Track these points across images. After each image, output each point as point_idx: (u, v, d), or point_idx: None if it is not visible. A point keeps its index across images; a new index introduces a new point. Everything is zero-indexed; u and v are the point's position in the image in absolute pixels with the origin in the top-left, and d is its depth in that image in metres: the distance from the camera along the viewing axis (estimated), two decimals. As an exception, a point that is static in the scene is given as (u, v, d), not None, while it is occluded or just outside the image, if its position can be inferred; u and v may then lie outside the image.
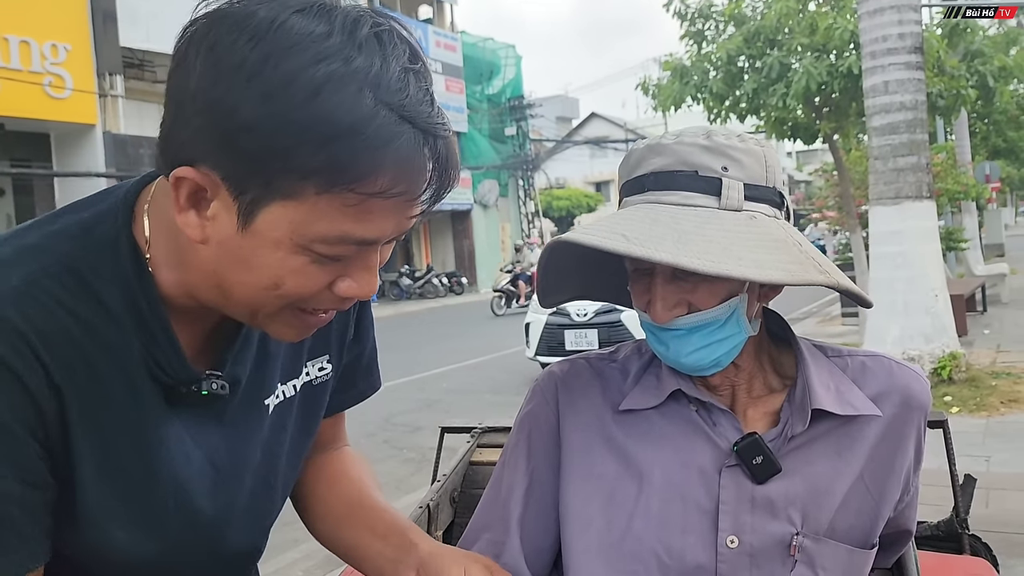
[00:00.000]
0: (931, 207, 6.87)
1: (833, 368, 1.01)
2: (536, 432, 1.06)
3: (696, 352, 0.93)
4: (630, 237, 0.85)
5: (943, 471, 1.57)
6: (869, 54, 6.80)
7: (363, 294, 0.75)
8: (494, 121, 31.62)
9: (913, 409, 0.99)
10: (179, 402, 0.80)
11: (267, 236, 0.69)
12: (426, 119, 0.68)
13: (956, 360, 6.57)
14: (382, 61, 0.66)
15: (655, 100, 10.41)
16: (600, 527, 0.97)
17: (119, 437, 0.76)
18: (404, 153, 0.66)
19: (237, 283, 0.73)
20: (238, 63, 0.64)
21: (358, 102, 0.64)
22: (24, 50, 15.63)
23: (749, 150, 0.93)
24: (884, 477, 0.97)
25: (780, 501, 0.93)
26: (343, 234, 0.69)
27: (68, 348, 0.72)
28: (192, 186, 0.69)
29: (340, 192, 0.66)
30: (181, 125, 0.68)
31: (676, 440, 0.98)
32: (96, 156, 17.02)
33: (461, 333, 14.58)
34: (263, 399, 0.89)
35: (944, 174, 13.62)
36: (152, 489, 0.80)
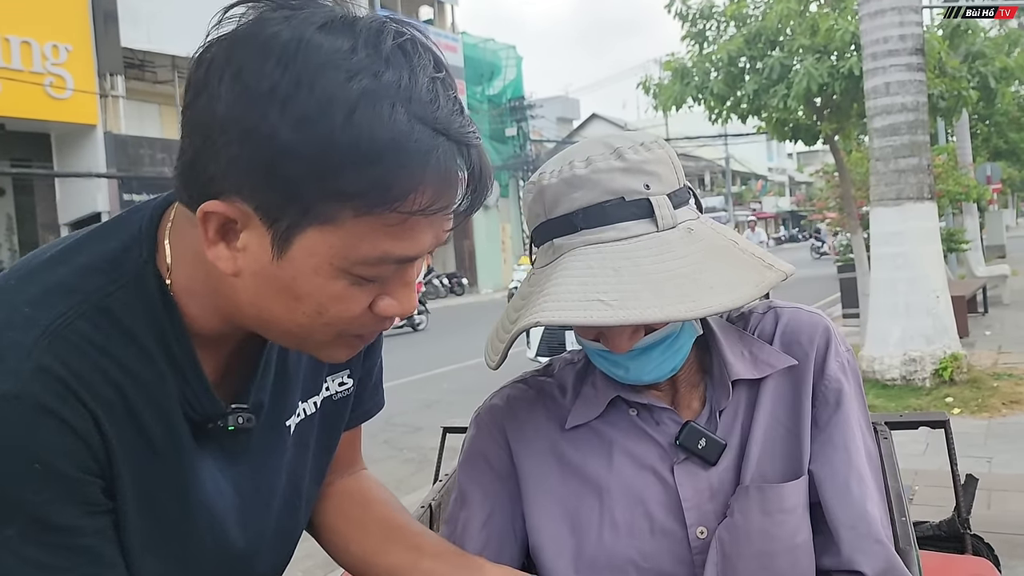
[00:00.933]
0: (932, 208, 6.87)
1: (742, 333, 1.03)
2: (486, 467, 1.05)
3: (657, 367, 0.94)
4: (607, 301, 0.84)
5: (945, 471, 1.57)
6: (870, 55, 6.80)
7: (404, 312, 0.74)
8: (495, 122, 31.64)
9: (805, 344, 1.00)
10: (206, 436, 0.79)
11: (304, 264, 0.67)
12: (459, 130, 0.67)
13: (957, 361, 6.57)
14: (410, 74, 0.65)
15: (656, 100, 10.42)
16: (572, 548, 0.98)
17: (157, 474, 0.76)
18: (442, 167, 0.65)
19: (279, 313, 0.71)
20: (269, 88, 0.62)
21: (394, 119, 0.63)
22: (25, 50, 15.64)
23: (659, 158, 0.92)
24: (791, 414, 0.98)
25: (729, 476, 0.96)
26: (384, 254, 0.67)
27: (107, 389, 0.71)
28: (222, 219, 0.67)
29: (382, 213, 0.65)
30: (210, 157, 0.66)
31: (624, 446, 0.99)
32: (97, 156, 17.03)
33: (461, 333, 14.57)
34: (284, 421, 0.88)
35: (945, 175, 13.62)
36: (189, 524, 0.79)
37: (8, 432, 0.66)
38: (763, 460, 0.96)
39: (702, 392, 1.01)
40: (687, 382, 1.02)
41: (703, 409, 0.99)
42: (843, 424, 0.99)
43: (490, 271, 30.23)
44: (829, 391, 0.99)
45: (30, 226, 17.58)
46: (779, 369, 0.99)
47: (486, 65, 31.31)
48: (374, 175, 0.62)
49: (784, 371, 0.99)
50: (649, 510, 0.96)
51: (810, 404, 0.99)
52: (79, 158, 17.21)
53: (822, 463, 0.97)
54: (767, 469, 0.96)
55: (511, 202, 31.94)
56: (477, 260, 29.69)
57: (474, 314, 18.52)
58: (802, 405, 0.99)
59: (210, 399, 0.78)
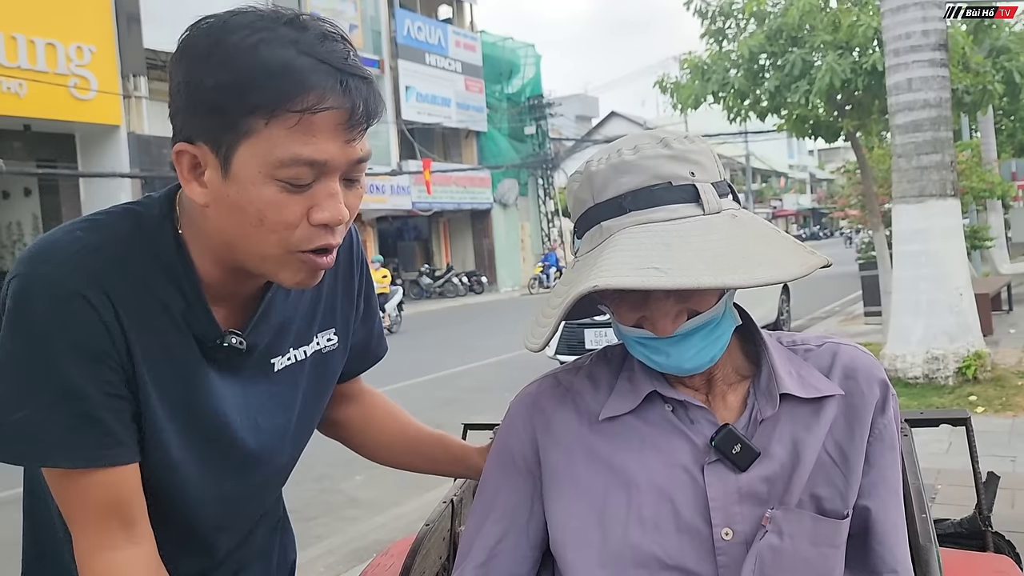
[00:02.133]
0: (955, 205, 6.81)
1: (791, 355, 1.04)
2: (510, 462, 1.07)
3: (698, 354, 0.95)
4: (662, 268, 0.86)
5: (967, 470, 1.57)
6: (892, 51, 6.74)
7: (333, 219, 0.89)
8: (514, 120, 31.63)
9: (861, 382, 1.02)
10: (209, 355, 0.99)
11: (243, 176, 0.86)
12: (341, 63, 0.86)
13: (981, 359, 6.51)
14: (301, 30, 0.86)
15: (674, 99, 10.38)
16: (598, 541, 0.98)
17: (171, 375, 0.95)
18: (324, 82, 0.84)
19: (236, 232, 0.89)
20: (199, 52, 0.85)
21: (284, 51, 0.84)
22: (50, 52, 15.83)
23: (702, 150, 0.95)
24: (846, 448, 0.99)
25: (763, 484, 0.96)
26: (295, 155, 0.84)
27: (130, 298, 0.91)
28: (190, 160, 0.88)
29: (281, 115, 0.83)
30: (174, 112, 0.89)
31: (656, 442, 1.00)
32: (120, 156, 17.21)
33: (481, 332, 14.61)
34: (270, 359, 1.07)
35: (969, 172, 13.48)
36: (200, 419, 0.99)
37: (46, 308, 0.86)
38: (811, 486, 0.97)
39: (741, 396, 1.01)
40: (724, 381, 1.02)
41: (742, 414, 0.99)
42: (896, 467, 1.02)
43: (509, 269, 30.24)
44: (886, 431, 1.01)
45: (55, 225, 17.69)
46: (826, 394, 0.99)
47: (505, 64, 31.30)
48: (271, 87, 0.83)
49: (840, 404, 1.00)
50: (677, 507, 0.96)
51: (865, 441, 1.00)
52: (103, 158, 17.41)
53: (875, 500, 1.00)
54: (813, 495, 0.97)
55: (530, 201, 31.93)
56: (496, 259, 29.71)
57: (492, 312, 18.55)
58: (855, 441, 0.99)
59: (211, 322, 0.98)
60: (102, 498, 0.91)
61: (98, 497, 0.91)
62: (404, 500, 4.86)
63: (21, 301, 0.87)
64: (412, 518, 4.40)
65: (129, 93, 17.47)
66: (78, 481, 0.90)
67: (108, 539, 0.92)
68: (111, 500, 0.92)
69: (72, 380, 0.87)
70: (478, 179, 28.51)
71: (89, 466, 0.90)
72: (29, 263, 0.89)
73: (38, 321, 0.86)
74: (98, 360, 0.89)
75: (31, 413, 0.87)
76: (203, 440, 1.00)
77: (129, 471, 0.93)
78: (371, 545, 4.03)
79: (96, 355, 0.88)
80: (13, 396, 0.87)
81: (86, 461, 0.89)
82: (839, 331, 10.78)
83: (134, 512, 0.94)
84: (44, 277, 0.87)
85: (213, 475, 1.03)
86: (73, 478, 0.90)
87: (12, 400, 0.87)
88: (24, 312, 0.86)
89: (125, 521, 0.93)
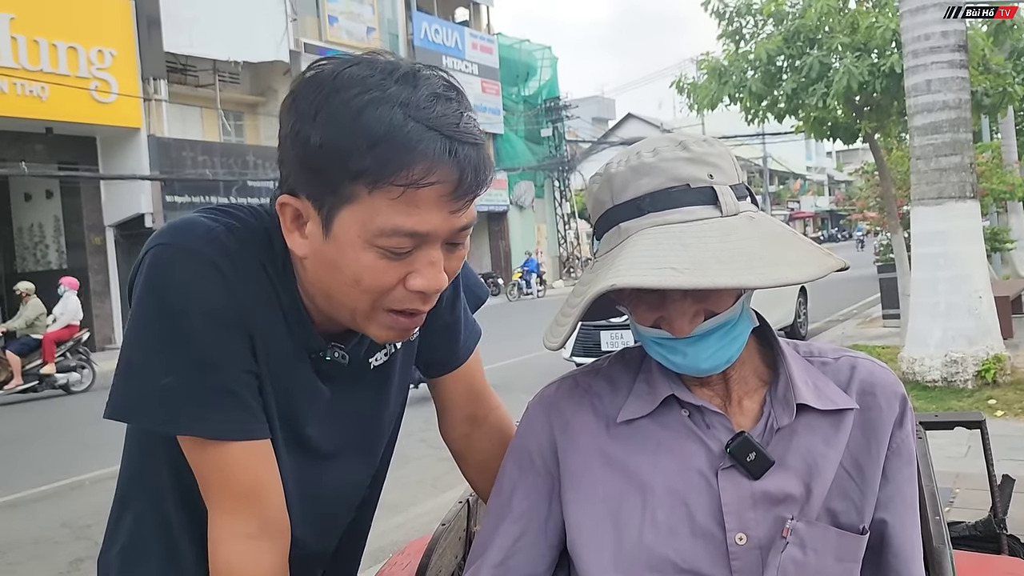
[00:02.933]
0: (975, 207, 6.75)
1: (808, 366, 1.04)
2: (528, 463, 1.07)
3: (714, 354, 0.95)
4: (679, 268, 0.87)
5: (985, 474, 1.56)
6: (911, 53, 6.70)
7: (429, 287, 0.89)
8: (530, 122, 31.64)
9: (880, 397, 1.01)
10: (312, 363, 1.01)
11: (343, 239, 0.86)
12: (452, 129, 0.83)
13: (1001, 363, 6.45)
14: (413, 89, 0.84)
15: (691, 100, 10.35)
16: (612, 545, 0.99)
17: (280, 365, 0.97)
18: (431, 152, 0.82)
19: (332, 285, 0.90)
20: (309, 106, 0.84)
21: (392, 116, 0.81)
22: (72, 56, 16.02)
23: (720, 153, 0.96)
24: (864, 462, 0.99)
25: (777, 493, 0.96)
26: (396, 226, 0.84)
27: (255, 282, 0.93)
28: (292, 212, 0.89)
29: (384, 187, 0.82)
30: (281, 160, 0.90)
31: (671, 446, 1.00)
32: (141, 159, 17.38)
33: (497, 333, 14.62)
34: (368, 359, 1.08)
35: (989, 173, 13.35)
36: (296, 416, 1.01)
37: (187, 277, 0.88)
38: (829, 499, 0.97)
39: (758, 403, 1.01)
40: (741, 387, 1.02)
41: (759, 422, 0.99)
42: (913, 482, 1.02)
43: (525, 271, 30.23)
44: (904, 445, 1.01)
45: (76, 227, 17.99)
46: (842, 407, 0.99)
47: (521, 66, 31.33)
48: (375, 155, 0.81)
49: (857, 418, 1.00)
50: (691, 511, 0.96)
51: (883, 456, 1.00)
52: (123, 161, 17.58)
53: (891, 514, 1.00)
54: (830, 509, 0.97)
55: (546, 203, 31.92)
56: (513, 260, 29.71)
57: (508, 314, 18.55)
58: (872, 455, 0.99)
59: (314, 336, 1.00)
60: (240, 477, 0.93)
61: (236, 476, 0.92)
62: (421, 500, 4.88)
63: (160, 269, 0.89)
64: (428, 518, 4.42)
65: (149, 96, 17.64)
66: (216, 455, 0.92)
67: (243, 525, 0.93)
68: (249, 480, 0.93)
69: (210, 351, 0.89)
70: (494, 181, 28.31)
71: (227, 438, 0.91)
72: (169, 234, 0.91)
73: (177, 289, 0.88)
74: (232, 331, 0.91)
75: (174, 380, 0.88)
76: (299, 438, 1.02)
77: (265, 450, 0.95)
78: (388, 545, 4.05)
79: (230, 325, 0.90)
80: (159, 363, 0.88)
81: (226, 433, 0.91)
82: (857, 334, 10.72)
83: (271, 498, 0.95)
84: (183, 247, 0.89)
85: (305, 471, 1.04)
86: (212, 451, 0.92)
87: (158, 367, 0.88)
88: (164, 280, 0.88)
89: (262, 506, 0.94)
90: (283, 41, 20.29)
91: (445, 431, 1.29)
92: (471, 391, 1.26)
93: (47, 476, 6.39)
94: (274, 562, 0.95)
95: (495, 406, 1.29)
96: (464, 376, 1.25)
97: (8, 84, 15.05)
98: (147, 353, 0.89)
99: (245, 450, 0.93)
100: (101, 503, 5.53)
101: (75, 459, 6.91)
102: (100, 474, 6.28)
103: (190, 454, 0.94)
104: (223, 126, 20.49)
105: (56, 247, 18.72)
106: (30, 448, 7.82)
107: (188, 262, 0.89)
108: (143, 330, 0.89)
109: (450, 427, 1.28)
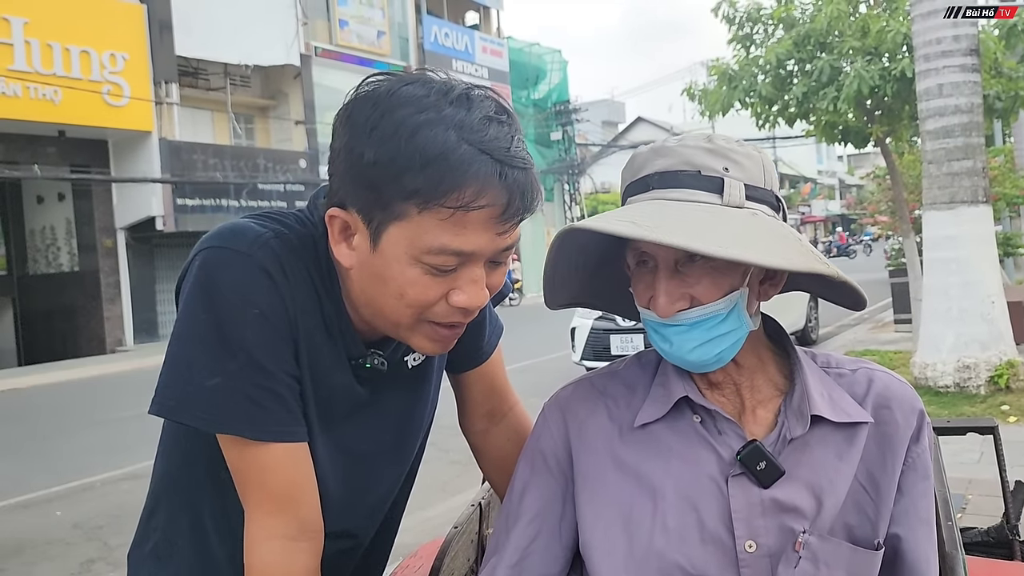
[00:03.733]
0: (987, 212, 6.72)
1: (824, 376, 1.03)
2: (543, 464, 1.08)
3: (699, 347, 0.95)
4: (639, 223, 0.88)
5: (997, 480, 1.56)
6: (923, 56, 6.68)
7: (471, 305, 0.92)
8: (540, 126, 31.65)
9: (896, 411, 1.00)
10: (352, 367, 1.03)
11: (390, 254, 0.89)
12: (503, 152, 0.86)
13: (1014, 368, 6.41)
14: (467, 111, 0.86)
15: (702, 104, 10.33)
16: (623, 550, 0.99)
17: (321, 369, 0.99)
18: (482, 175, 0.84)
19: (376, 297, 0.93)
20: (363, 122, 0.86)
21: (446, 138, 0.84)
22: (84, 60, 16.12)
23: (749, 154, 0.96)
24: (879, 477, 0.98)
25: (787, 503, 0.95)
26: (443, 245, 0.86)
27: (301, 288, 0.95)
28: (341, 224, 0.91)
29: (435, 207, 0.84)
30: (332, 173, 0.92)
31: (682, 452, 1.00)
32: (152, 162, 17.47)
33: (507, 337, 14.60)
34: (404, 358, 1.10)
35: (1002, 178, 13.28)
36: (333, 418, 1.03)
37: (238, 279, 0.91)
38: (843, 514, 0.96)
39: (772, 413, 1.01)
40: (755, 395, 1.02)
41: (772, 432, 0.99)
42: (929, 497, 1.01)
43: (535, 275, 30.20)
44: (920, 460, 1.00)
45: (88, 230, 18.10)
46: (856, 420, 0.99)
47: (531, 69, 31.35)
48: (428, 176, 0.83)
49: (872, 432, 0.99)
50: (701, 517, 0.96)
51: (898, 471, 0.99)
52: (135, 164, 17.67)
53: (905, 529, 0.99)
54: (844, 524, 0.97)
55: (556, 206, 31.91)
56: (523, 264, 29.72)
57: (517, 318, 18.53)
58: (888, 470, 0.99)
59: (356, 343, 1.02)
60: (280, 479, 0.94)
61: (277, 477, 0.94)
62: (432, 504, 4.89)
63: (212, 271, 0.91)
64: (440, 521, 4.42)
65: (161, 99, 17.73)
66: (257, 455, 0.93)
67: (281, 526, 0.94)
68: (288, 482, 0.95)
69: (259, 352, 0.91)
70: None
71: (271, 439, 0.93)
72: (220, 237, 0.93)
73: (227, 291, 0.90)
74: (279, 334, 0.93)
75: (223, 380, 0.90)
76: (337, 440, 1.04)
77: (304, 453, 0.97)
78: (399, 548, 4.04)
79: (278, 328, 0.92)
80: (207, 362, 0.90)
81: (269, 434, 0.93)
82: (869, 339, 10.67)
83: (308, 500, 0.97)
84: (234, 250, 0.91)
85: (342, 471, 1.06)
86: (253, 452, 0.93)
87: (206, 366, 0.90)
88: (215, 282, 0.90)
89: (299, 508, 0.96)
90: (294, 45, 20.37)
91: (465, 426, 1.32)
92: (492, 387, 1.29)
93: (60, 477, 6.43)
94: (308, 563, 0.96)
95: (514, 403, 1.32)
96: (487, 372, 1.27)
97: (21, 87, 15.16)
98: (195, 353, 0.91)
99: (286, 452, 0.95)
100: (113, 505, 5.57)
101: (86, 461, 6.95)
102: (111, 476, 6.32)
103: (230, 454, 0.95)
104: (234, 129, 20.57)
105: (68, 250, 18.83)
106: (43, 449, 7.86)
107: (239, 265, 0.91)
108: (192, 329, 0.91)
109: (470, 422, 1.31)
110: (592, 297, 1.15)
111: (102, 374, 14.07)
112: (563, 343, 9.76)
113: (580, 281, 1.11)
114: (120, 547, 4.52)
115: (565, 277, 1.08)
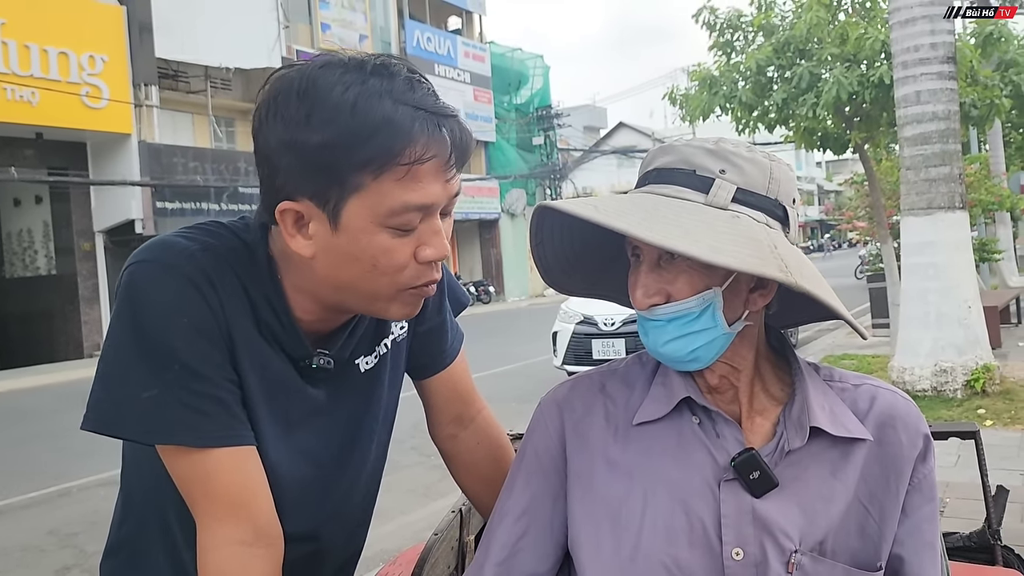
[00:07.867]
0: (964, 218, 6.79)
1: (827, 390, 1.02)
2: (535, 461, 1.07)
3: (672, 342, 0.95)
4: (599, 208, 0.90)
5: (976, 484, 1.57)
6: (901, 64, 6.75)
7: (439, 255, 0.94)
8: (522, 131, 31.69)
9: (900, 431, 0.99)
10: (299, 369, 1.04)
11: (355, 227, 0.90)
12: (434, 106, 0.90)
13: (990, 372, 6.48)
14: (389, 79, 0.89)
15: (683, 110, 10.39)
16: (610, 548, 0.98)
17: (265, 377, 1.00)
18: (425, 130, 0.88)
19: (348, 277, 0.94)
20: (295, 114, 0.88)
21: (382, 105, 0.87)
22: (63, 61, 15.95)
23: (755, 160, 0.95)
24: (882, 498, 0.97)
25: (778, 516, 0.94)
26: (404, 203, 0.89)
27: (234, 300, 0.96)
28: (293, 216, 0.91)
29: (390, 168, 0.87)
30: (275, 173, 0.91)
31: (677, 453, 0.99)
32: (131, 165, 17.30)
33: (487, 341, 14.60)
34: (354, 361, 1.11)
35: (977, 184, 13.44)
36: (290, 423, 1.04)
37: (164, 291, 0.91)
38: (841, 533, 0.95)
39: (772, 423, 1.00)
40: (754, 402, 1.01)
41: (770, 442, 0.98)
42: (934, 521, 1.00)
43: (517, 280, 30.24)
44: (925, 482, 0.99)
45: (66, 233, 17.90)
46: (855, 436, 0.97)
47: (513, 74, 31.39)
48: (378, 143, 0.86)
49: (873, 451, 0.98)
50: (691, 520, 0.96)
51: (903, 492, 0.98)
52: (114, 166, 17.49)
53: (908, 550, 0.98)
54: (842, 544, 0.95)
55: (538, 211, 31.90)
56: (504, 269, 29.72)
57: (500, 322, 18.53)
58: (891, 491, 0.97)
59: (302, 344, 1.03)
60: (228, 483, 0.93)
61: (224, 482, 0.93)
62: (411, 509, 4.86)
63: (141, 284, 0.92)
64: (419, 527, 4.40)
65: (140, 102, 17.58)
66: (203, 462, 0.93)
67: (236, 532, 0.93)
68: (239, 486, 0.94)
69: (193, 360, 0.91)
70: (486, 189, 28.54)
71: (215, 444, 0.93)
72: (147, 252, 0.95)
73: (157, 303, 0.91)
74: (212, 342, 0.93)
75: (160, 391, 0.90)
76: (298, 443, 1.05)
77: (252, 456, 0.96)
78: (378, 554, 4.03)
79: (210, 337, 0.93)
80: (141, 376, 0.90)
81: (213, 439, 0.93)
82: (847, 343, 10.75)
83: (262, 504, 0.96)
84: (161, 264, 0.93)
85: (305, 473, 1.07)
86: (197, 458, 0.92)
87: (140, 380, 0.90)
88: (144, 295, 0.91)
89: (253, 512, 0.94)
90: (275, 48, 20.26)
91: (434, 432, 1.32)
92: (457, 392, 1.29)
93: (35, 483, 6.34)
94: (266, 569, 0.94)
95: (481, 407, 1.33)
96: (451, 377, 1.28)
97: (-2, 89, 14.98)
98: (127, 367, 0.91)
99: (232, 456, 0.94)
100: (88, 511, 5.49)
101: (63, 466, 6.85)
102: (87, 482, 6.24)
103: (175, 465, 0.94)
104: (214, 132, 20.44)
105: (45, 253, 18.60)
106: (18, 454, 7.75)
107: (166, 277, 0.92)
108: (123, 344, 0.91)
109: (438, 428, 1.30)
110: (600, 288, 1.17)
111: (80, 378, 13.90)
112: (544, 348, 9.77)
113: (586, 272, 1.14)
114: (96, 554, 4.46)
115: (569, 265, 1.11)
